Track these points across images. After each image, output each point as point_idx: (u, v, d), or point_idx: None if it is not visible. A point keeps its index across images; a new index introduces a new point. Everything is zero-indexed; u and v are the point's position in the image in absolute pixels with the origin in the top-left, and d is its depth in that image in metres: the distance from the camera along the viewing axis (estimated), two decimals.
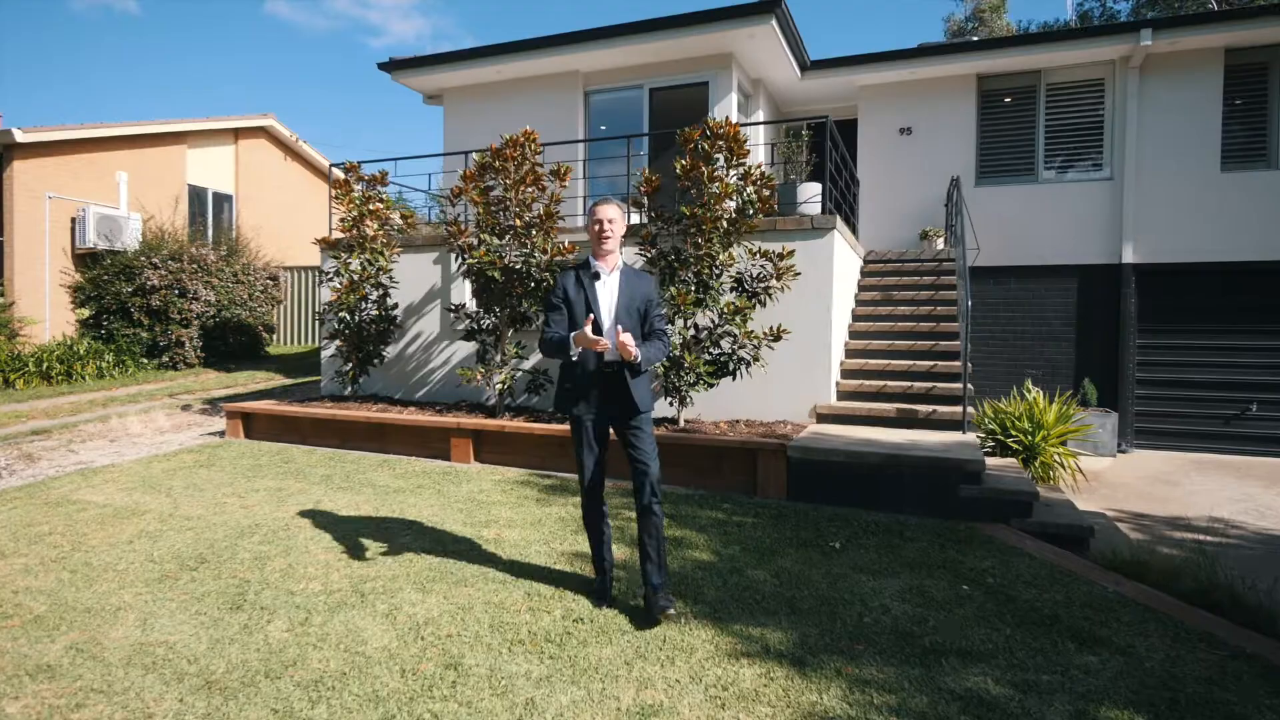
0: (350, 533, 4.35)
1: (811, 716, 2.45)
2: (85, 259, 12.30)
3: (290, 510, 4.80)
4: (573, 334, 3.12)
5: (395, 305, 7.91)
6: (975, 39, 10.39)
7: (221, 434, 7.42)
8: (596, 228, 3.28)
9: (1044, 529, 4.69)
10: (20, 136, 11.31)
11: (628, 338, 3.05)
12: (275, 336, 15.07)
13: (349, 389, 7.97)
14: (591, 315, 3.15)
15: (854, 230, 9.96)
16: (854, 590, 3.57)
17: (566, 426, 6.09)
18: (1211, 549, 4.95)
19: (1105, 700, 2.58)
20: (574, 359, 3.19)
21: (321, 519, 4.62)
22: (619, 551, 3.91)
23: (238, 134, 15.37)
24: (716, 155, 6.07)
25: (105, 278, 11.76)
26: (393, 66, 10.12)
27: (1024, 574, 3.82)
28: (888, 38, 56.74)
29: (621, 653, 2.86)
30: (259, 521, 4.55)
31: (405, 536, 4.29)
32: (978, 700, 2.57)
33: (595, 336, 3.04)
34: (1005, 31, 28.62)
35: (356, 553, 4.00)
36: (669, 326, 5.63)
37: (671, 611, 3.11)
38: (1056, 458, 6.08)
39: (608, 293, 3.28)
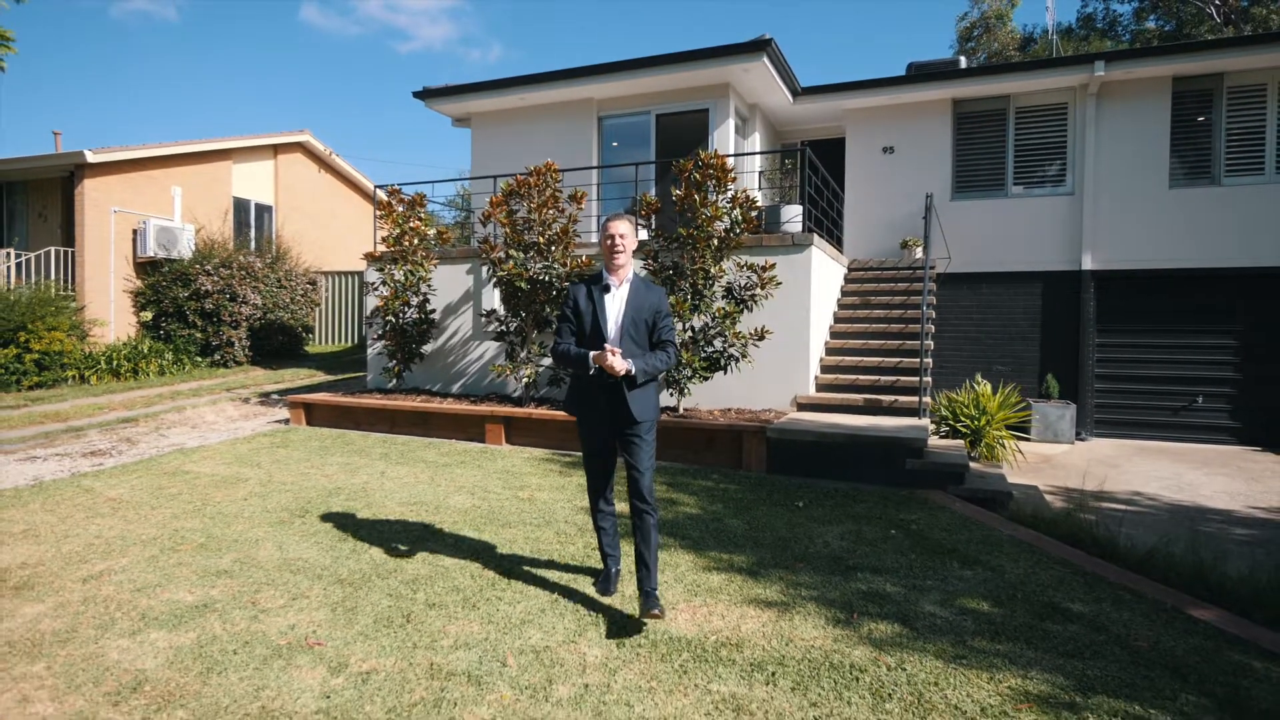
0: (414, 493, 5.49)
1: (756, 601, 3.55)
2: (145, 267, 13.58)
3: (362, 478, 5.96)
4: (592, 354, 3.27)
5: (433, 309, 9.07)
6: (954, 67, 11.38)
7: (286, 421, 8.61)
8: (608, 242, 3.40)
9: (973, 494, 5.77)
10: (90, 157, 12.58)
11: (616, 360, 3.19)
12: (312, 337, 16.30)
13: (392, 382, 9.14)
14: (604, 333, 3.33)
15: (839, 242, 11.04)
16: (806, 532, 4.67)
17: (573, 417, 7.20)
18: (1119, 513, 6.02)
19: (965, 595, 3.66)
20: (592, 374, 3.33)
21: (389, 484, 5.77)
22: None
23: (277, 149, 16.62)
24: (708, 182, 7.16)
25: (164, 284, 13.05)
26: (426, 95, 11.28)
27: (942, 523, 4.91)
28: (899, 41, 57.53)
29: (628, 566, 3.97)
30: (340, 485, 5.71)
31: (457, 497, 5.43)
32: (876, 594, 3.66)
33: (612, 360, 3.18)
34: (1010, 39, 29.67)
35: (422, 506, 5.14)
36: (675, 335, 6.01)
37: (656, 612, 3.17)
38: (1000, 440, 7.13)
39: (615, 305, 3.40)
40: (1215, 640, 3.19)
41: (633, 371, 3.25)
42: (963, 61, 11.79)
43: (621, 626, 3.24)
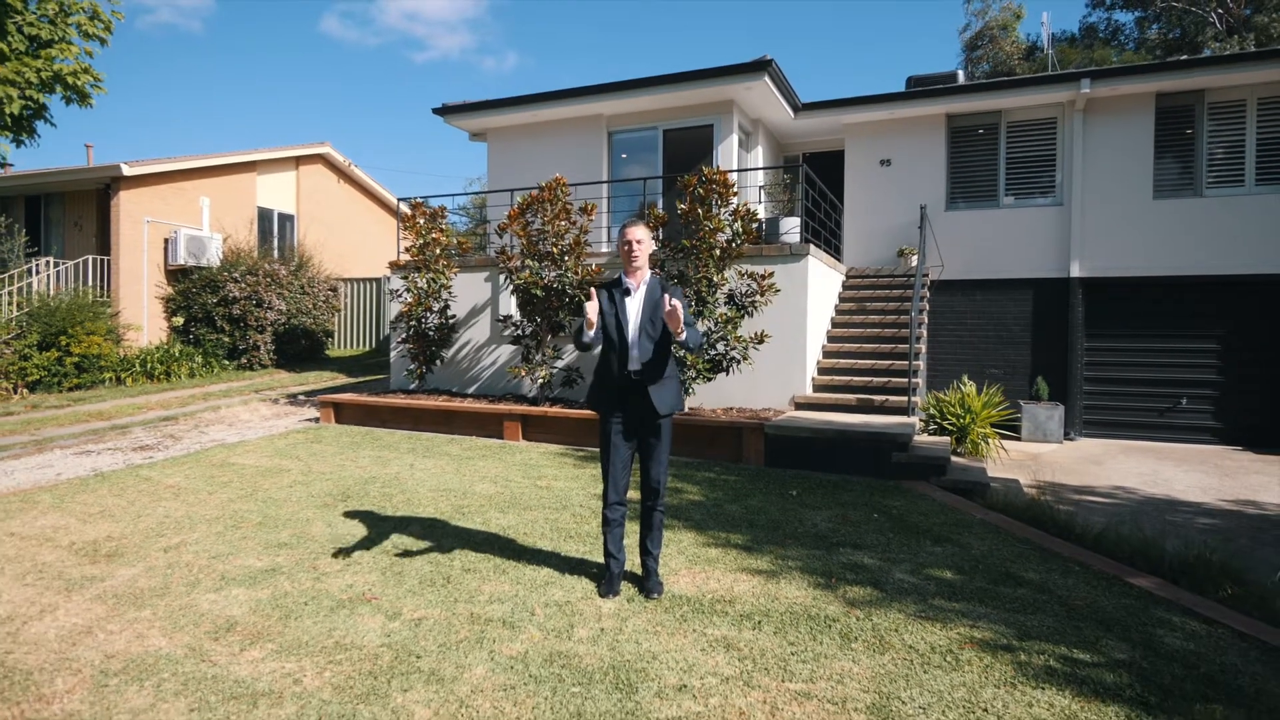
0: (442, 482, 6.04)
1: (748, 570, 4.07)
2: (176, 274, 14.25)
3: (394, 469, 6.52)
4: (584, 320, 3.46)
5: (453, 315, 9.64)
6: (952, 81, 11.88)
7: (316, 419, 9.19)
8: (626, 248, 3.57)
9: (954, 484, 6.26)
10: (126, 170, 13.26)
11: (676, 304, 3.32)
12: (333, 341, 16.93)
13: (415, 383, 9.71)
14: (626, 333, 3.57)
15: (837, 251, 11.56)
16: (797, 516, 5.18)
17: (595, 413, 7.75)
18: (1095, 504, 6.50)
19: (933, 566, 4.17)
20: (586, 341, 3.49)
21: (419, 474, 6.33)
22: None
23: (299, 161, 17.30)
24: (711, 196, 7.70)
25: (193, 290, 13.71)
26: (445, 111, 11.88)
27: (921, 508, 5.41)
28: (902, 48, 58.04)
29: (638, 541, 4.50)
30: (374, 475, 6.27)
31: (481, 485, 5.98)
32: (855, 565, 4.17)
33: (592, 319, 3.42)
34: (1014, 48, 30.15)
35: (450, 492, 5.69)
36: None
37: (657, 596, 3.60)
38: (984, 437, 7.62)
39: (634, 307, 3.60)
40: (1144, 601, 3.69)
41: (683, 334, 3.39)
42: (960, 76, 12.28)
43: (631, 588, 3.77)
